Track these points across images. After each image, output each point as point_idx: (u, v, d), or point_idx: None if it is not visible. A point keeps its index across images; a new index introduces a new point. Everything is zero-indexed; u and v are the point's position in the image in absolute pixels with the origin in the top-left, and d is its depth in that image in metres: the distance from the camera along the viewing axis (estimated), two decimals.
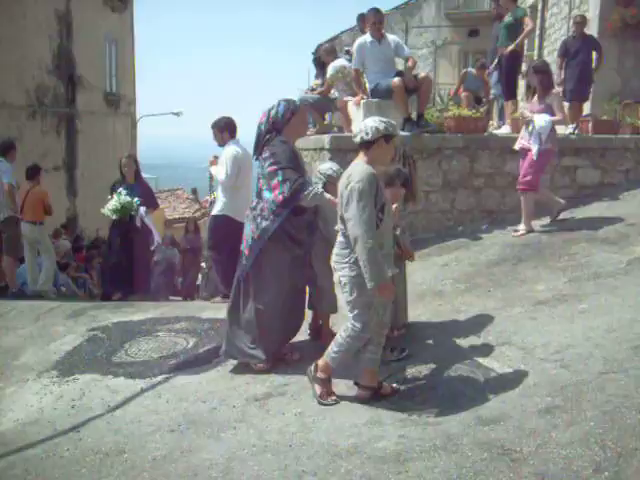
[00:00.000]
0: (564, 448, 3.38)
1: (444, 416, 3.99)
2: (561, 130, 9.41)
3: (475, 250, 7.16)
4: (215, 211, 7.28)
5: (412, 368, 4.76)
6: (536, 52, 16.64)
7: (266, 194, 4.84)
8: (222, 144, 7.23)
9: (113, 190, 8.56)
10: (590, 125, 9.26)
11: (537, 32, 16.58)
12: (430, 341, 5.19)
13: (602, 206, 8.24)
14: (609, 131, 9.12)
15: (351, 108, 8.66)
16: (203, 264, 13.18)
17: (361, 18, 11.66)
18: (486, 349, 4.83)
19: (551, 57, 15.34)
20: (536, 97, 7.59)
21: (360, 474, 3.48)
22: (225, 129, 7.21)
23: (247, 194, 7.15)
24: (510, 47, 9.47)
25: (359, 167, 4.16)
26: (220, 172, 7.06)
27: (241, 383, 4.94)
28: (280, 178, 4.72)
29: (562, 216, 7.80)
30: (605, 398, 3.78)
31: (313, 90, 10.25)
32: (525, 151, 7.40)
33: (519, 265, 6.58)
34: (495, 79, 10.27)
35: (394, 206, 4.66)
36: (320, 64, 10.99)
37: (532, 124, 7.33)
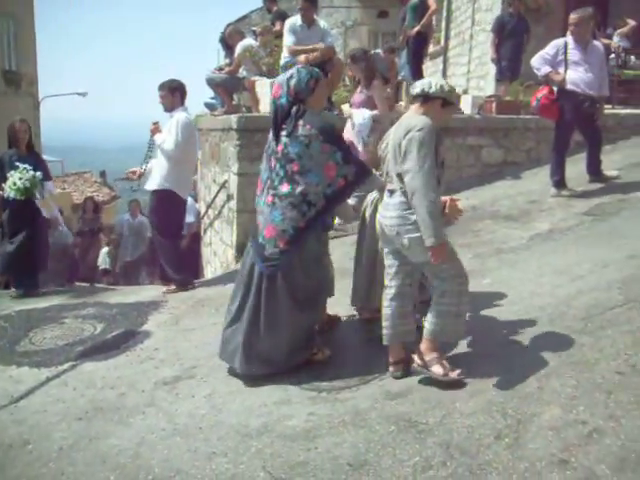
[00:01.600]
0: (467, 418, 3.49)
1: (353, 392, 4.05)
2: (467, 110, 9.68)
3: None
4: (155, 185, 6.73)
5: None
6: (443, 34, 16.99)
7: (311, 177, 4.16)
8: (170, 109, 6.76)
9: (2, 164, 7.33)
10: (494, 106, 9.51)
11: (444, 14, 16.92)
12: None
13: (506, 184, 8.52)
14: (512, 112, 9.40)
15: (259, 88, 8.62)
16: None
17: None
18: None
19: (457, 39, 15.72)
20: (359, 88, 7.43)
21: (270, 452, 3.50)
22: (176, 91, 6.75)
23: (192, 169, 6.96)
24: (416, 28, 9.63)
25: (418, 117, 3.87)
26: (168, 140, 6.56)
27: (150, 367, 4.88)
28: (339, 159, 4.15)
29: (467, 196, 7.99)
30: (506, 368, 3.92)
31: (221, 70, 10.14)
32: (353, 145, 7.08)
33: None
34: (403, 60, 10.41)
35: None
36: (227, 44, 10.89)
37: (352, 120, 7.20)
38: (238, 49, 9.24)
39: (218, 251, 9.50)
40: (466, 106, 9.96)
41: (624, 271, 5.01)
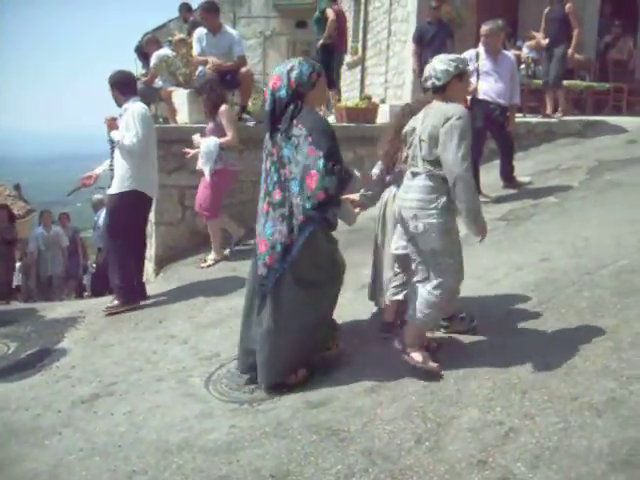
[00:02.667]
0: (388, 423, 3.52)
1: (274, 403, 4.03)
2: (385, 119, 9.80)
3: None
4: (118, 188, 6.15)
5: None
6: (360, 44, 17.19)
7: (294, 185, 3.84)
8: (120, 103, 6.34)
9: None
10: None
11: (361, 25, 17.14)
12: None
13: None
14: None
15: (176, 98, 8.53)
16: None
17: (184, 8, 11.56)
18: None
19: (374, 49, 15.93)
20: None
21: (191, 468, 3.45)
22: (116, 84, 6.28)
23: (155, 163, 6.45)
24: (320, 40, 9.77)
25: (452, 105, 3.81)
26: (128, 136, 6.01)
27: (66, 386, 4.75)
28: (321, 166, 3.72)
29: None
30: None
31: (138, 79, 9.99)
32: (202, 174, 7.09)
33: (349, 249, 6.72)
34: None
35: None
36: (143, 54, 10.76)
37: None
38: (154, 59, 9.13)
39: None
40: (383, 115, 10.10)
41: (536, 274, 5.17)
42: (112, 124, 6.25)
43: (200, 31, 8.28)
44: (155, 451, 3.67)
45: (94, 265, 12.30)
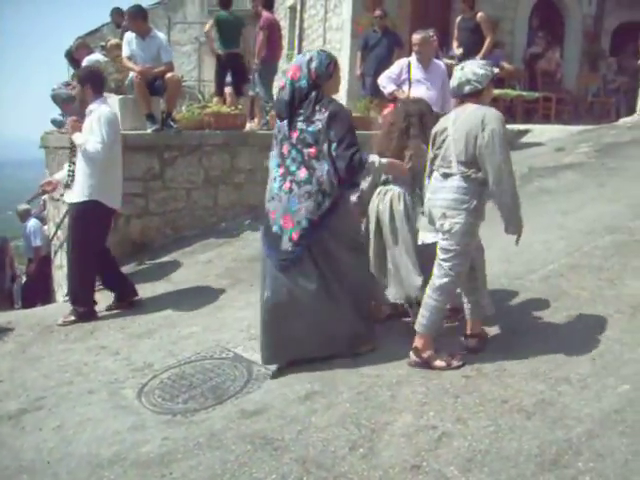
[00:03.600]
0: (323, 431, 3.51)
1: (208, 413, 3.97)
2: None
3: (238, 245, 7.24)
4: (79, 196, 5.78)
5: (175, 368, 4.68)
6: (296, 52, 17.24)
7: (324, 164, 4.02)
8: (84, 102, 5.95)
9: None
10: None
11: (297, 32, 17.20)
12: (192, 340, 5.14)
13: None
14: (363, 127, 9.62)
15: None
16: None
17: (115, 12, 11.38)
18: (248, 342, 4.88)
19: None
20: None
21: None
22: (87, 82, 5.89)
23: (120, 173, 6.12)
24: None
25: (486, 109, 3.92)
26: (91, 141, 5.64)
27: None
28: (333, 149, 4.02)
29: None
30: (360, 379, 3.99)
31: (68, 85, 9.79)
32: None
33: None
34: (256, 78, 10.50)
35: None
36: (74, 59, 10.55)
37: None
38: (84, 64, 8.95)
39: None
40: None
41: None
42: (75, 126, 5.83)
43: (129, 35, 8.16)
44: (86, 466, 3.58)
45: (24, 276, 11.96)
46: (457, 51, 9.74)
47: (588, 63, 14.03)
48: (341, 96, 12.76)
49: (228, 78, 10.04)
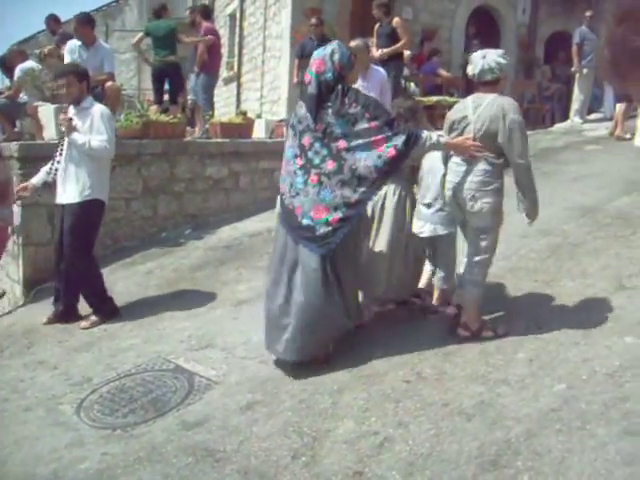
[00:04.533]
0: (264, 441, 3.49)
1: (149, 426, 3.91)
2: (261, 134, 9.84)
3: (179, 255, 7.16)
4: (78, 196, 5.57)
5: (115, 382, 4.59)
6: (236, 59, 17.20)
7: (359, 153, 4.06)
8: (78, 100, 5.69)
9: None
10: (285, 130, 9.71)
11: (237, 40, 17.15)
12: (132, 352, 5.05)
13: None
14: None
15: (42, 113, 8.20)
16: None
17: (51, 19, 11.17)
18: (190, 353, 4.82)
19: (249, 64, 15.98)
20: None
21: None
22: (85, 78, 5.70)
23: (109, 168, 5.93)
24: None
25: (507, 99, 4.22)
26: (100, 140, 5.51)
27: None
28: (387, 132, 4.04)
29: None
30: (301, 387, 3.99)
31: (1, 94, 9.56)
32: None
33: (221, 267, 6.70)
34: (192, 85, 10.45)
35: None
36: (7, 67, 10.30)
37: None
38: (18, 72, 8.73)
39: (5, 288, 8.86)
40: (259, 130, 10.12)
41: None
42: (71, 126, 5.58)
43: (74, 43, 8.01)
44: None
45: None
46: (377, 54, 9.73)
47: (523, 71, 14.36)
48: (281, 104, 12.80)
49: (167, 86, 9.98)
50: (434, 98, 11.07)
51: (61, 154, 5.73)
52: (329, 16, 12.41)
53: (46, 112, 8.09)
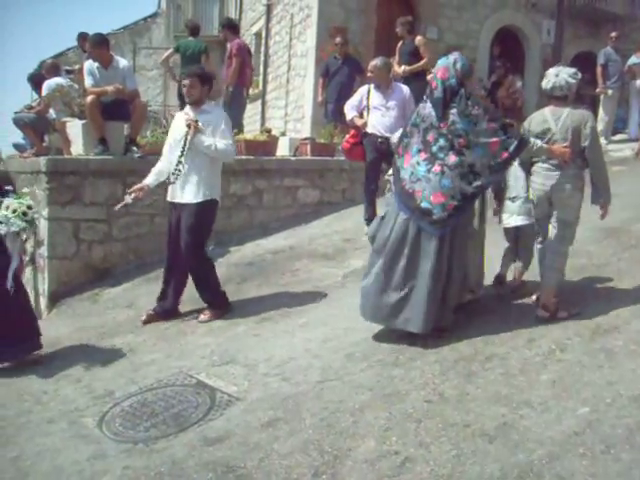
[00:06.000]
0: (285, 458, 3.48)
1: (170, 441, 3.92)
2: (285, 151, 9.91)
3: None
4: (199, 196, 5.77)
5: (136, 396, 4.62)
6: (261, 78, 17.35)
7: (477, 151, 4.57)
8: (199, 102, 5.89)
9: None
10: (309, 148, 9.77)
11: (262, 59, 17.31)
12: (154, 367, 5.09)
13: (322, 223, 8.74)
14: (326, 153, 9.70)
15: (70, 129, 8.32)
16: None
17: (82, 37, 11.32)
18: (211, 369, 4.84)
19: (274, 83, 16.11)
20: None
21: None
22: (207, 82, 5.93)
23: None
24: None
25: (583, 111, 4.92)
26: (226, 143, 5.76)
27: None
28: (502, 135, 4.58)
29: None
30: (323, 405, 3.97)
31: (31, 109, 9.71)
32: None
33: (244, 284, 6.73)
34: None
35: None
36: (37, 82, 10.47)
37: None
38: (46, 88, 8.88)
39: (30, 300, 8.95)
40: (284, 148, 10.18)
41: None
42: (198, 127, 5.75)
43: (91, 64, 8.04)
44: None
45: None
46: (399, 70, 9.75)
47: None
48: (305, 122, 12.87)
49: None
50: None
51: (182, 155, 5.81)
52: (354, 35, 12.52)
53: (74, 127, 8.22)
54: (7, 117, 9.59)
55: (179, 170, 5.81)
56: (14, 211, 5.37)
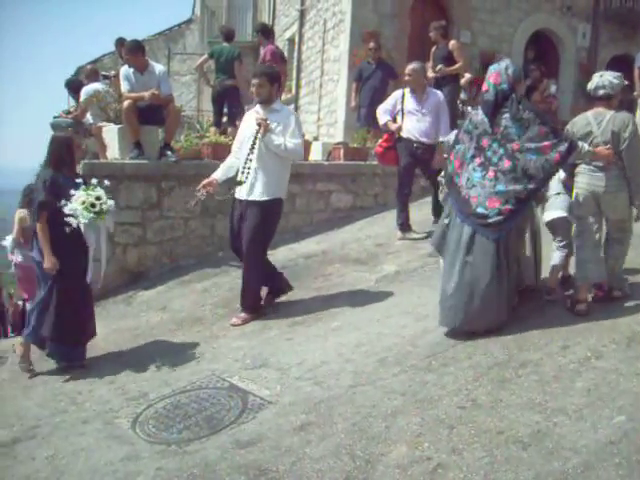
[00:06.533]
0: (317, 462, 3.48)
1: (202, 443, 3.95)
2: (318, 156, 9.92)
3: (234, 275, 7.22)
4: (268, 194, 5.83)
5: (170, 398, 4.66)
6: (294, 82, 17.41)
7: (530, 155, 4.66)
8: (267, 100, 5.91)
9: None
10: (342, 152, 9.77)
11: (295, 64, 17.37)
12: (187, 370, 5.12)
13: (355, 228, 8.74)
14: (359, 158, 9.70)
15: (106, 134, 8.42)
16: None
17: (119, 42, 11.46)
18: (244, 372, 4.86)
19: (307, 88, 16.15)
20: None
21: None
22: (276, 82, 5.98)
23: None
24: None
25: (625, 114, 4.93)
26: (296, 142, 5.82)
27: None
28: (553, 139, 4.66)
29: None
30: (355, 410, 3.96)
31: (69, 114, 9.86)
32: None
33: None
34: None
35: None
36: (74, 88, 10.63)
37: None
38: (83, 94, 9.03)
39: None
40: (316, 153, 10.20)
41: None
42: (268, 125, 5.78)
43: (127, 69, 8.15)
44: None
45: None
46: (433, 73, 9.74)
47: (583, 95, 14.16)
48: (338, 127, 12.87)
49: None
50: None
51: (252, 152, 5.87)
52: (387, 40, 12.49)
53: (110, 132, 8.33)
54: (45, 122, 9.69)
55: (248, 168, 5.86)
56: (82, 203, 5.37)
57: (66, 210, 5.34)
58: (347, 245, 7.98)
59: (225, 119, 10.43)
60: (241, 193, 5.96)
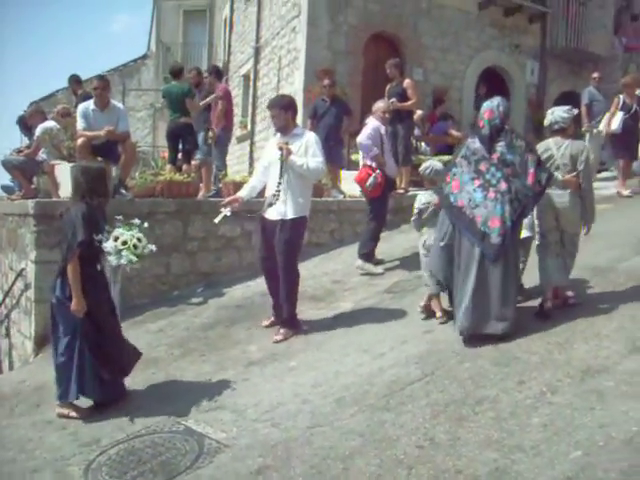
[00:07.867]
0: None
1: None
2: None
3: (190, 314, 7.15)
4: (296, 212, 6.11)
5: (124, 443, 4.55)
6: (249, 119, 17.49)
7: (521, 180, 5.18)
8: (285, 128, 6.23)
9: None
10: None
11: (250, 100, 17.48)
12: (142, 412, 5.01)
13: (311, 265, 8.70)
14: (315, 194, 9.69)
15: (59, 172, 8.32)
16: None
17: (74, 79, 11.40)
18: (200, 415, 4.78)
19: (263, 124, 16.22)
20: None
21: None
22: (289, 109, 6.25)
23: None
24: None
25: (580, 142, 5.81)
26: (318, 162, 6.13)
27: None
28: (535, 167, 5.20)
29: None
30: (312, 452, 3.92)
31: (20, 152, 9.73)
32: None
33: (232, 327, 6.69)
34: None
35: None
36: (26, 125, 10.51)
37: None
38: (39, 131, 8.93)
39: (16, 343, 8.85)
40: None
41: (420, 346, 5.26)
42: (290, 149, 6.04)
43: (86, 106, 8.09)
44: None
45: None
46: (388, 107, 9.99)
47: (533, 130, 14.51)
48: None
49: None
50: (445, 157, 11.16)
51: (282, 177, 6.09)
52: (341, 77, 12.67)
53: (63, 170, 8.22)
54: None
55: (279, 191, 6.10)
56: (124, 243, 5.20)
57: (107, 248, 5.16)
58: (303, 282, 7.89)
59: (180, 156, 10.38)
60: (271, 214, 6.18)
